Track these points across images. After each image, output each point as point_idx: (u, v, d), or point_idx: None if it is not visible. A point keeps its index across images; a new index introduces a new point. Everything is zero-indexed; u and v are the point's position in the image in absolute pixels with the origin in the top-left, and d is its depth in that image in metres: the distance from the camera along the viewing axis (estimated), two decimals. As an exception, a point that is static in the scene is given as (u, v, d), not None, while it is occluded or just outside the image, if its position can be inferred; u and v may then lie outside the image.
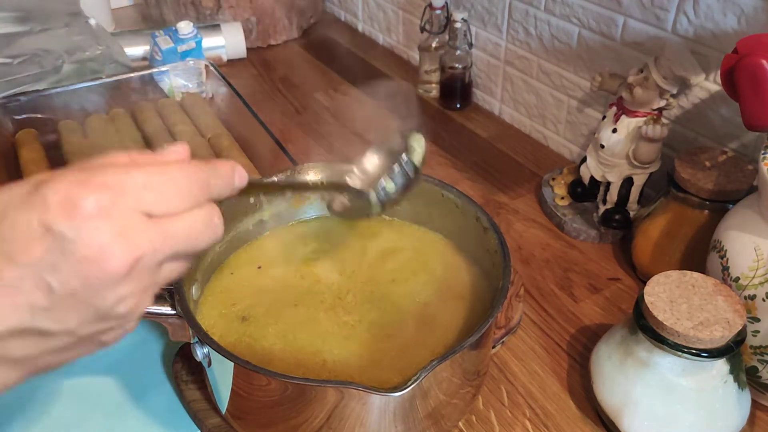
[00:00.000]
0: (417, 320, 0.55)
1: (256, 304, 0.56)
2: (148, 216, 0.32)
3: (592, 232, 0.75)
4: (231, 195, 0.37)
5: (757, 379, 0.56)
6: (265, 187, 0.43)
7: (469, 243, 0.60)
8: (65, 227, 0.30)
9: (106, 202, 0.30)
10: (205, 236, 0.34)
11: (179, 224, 0.33)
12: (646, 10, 0.72)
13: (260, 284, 0.58)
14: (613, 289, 0.69)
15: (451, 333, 0.53)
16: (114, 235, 0.30)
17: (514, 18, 0.89)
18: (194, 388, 0.56)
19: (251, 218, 0.61)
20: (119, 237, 0.30)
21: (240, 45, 1.11)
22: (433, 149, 0.91)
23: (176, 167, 0.33)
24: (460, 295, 0.57)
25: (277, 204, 0.62)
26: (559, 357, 0.62)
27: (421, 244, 0.62)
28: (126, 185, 0.31)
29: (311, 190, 0.50)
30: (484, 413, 0.57)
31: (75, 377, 0.60)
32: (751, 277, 0.52)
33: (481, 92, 1.00)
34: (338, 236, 0.62)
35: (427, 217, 0.63)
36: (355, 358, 0.51)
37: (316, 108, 1.00)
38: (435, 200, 0.60)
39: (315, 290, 0.57)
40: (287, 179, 0.52)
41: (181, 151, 0.35)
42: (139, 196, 0.31)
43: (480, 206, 0.58)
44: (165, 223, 0.32)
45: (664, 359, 0.51)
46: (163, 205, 0.32)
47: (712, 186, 0.62)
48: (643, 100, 0.68)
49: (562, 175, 0.82)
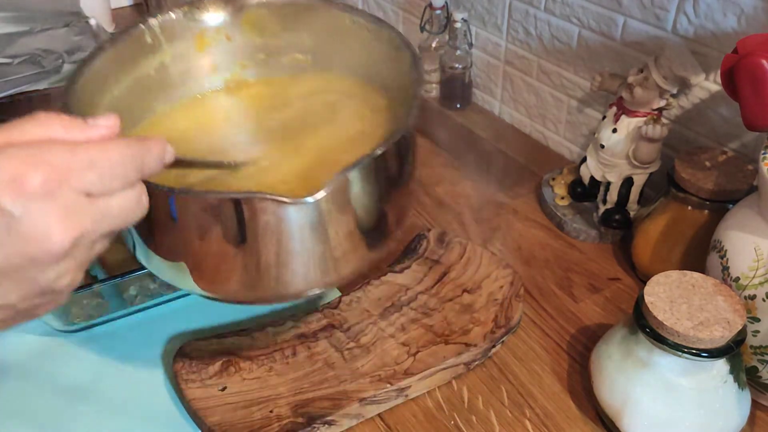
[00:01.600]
0: (331, 164, 0.49)
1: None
2: (88, 196, 0.34)
3: (592, 232, 0.75)
4: (160, 171, 0.38)
5: (757, 379, 0.56)
6: (189, 163, 0.45)
7: (381, 73, 0.56)
8: (12, 205, 0.31)
9: (52, 183, 0.32)
10: (135, 215, 0.37)
11: (114, 203, 0.35)
12: (646, 10, 0.72)
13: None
14: (613, 289, 0.69)
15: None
16: (58, 215, 0.32)
17: (514, 18, 0.89)
18: (194, 388, 0.56)
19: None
20: (63, 217, 0.32)
21: (240, 45, 1.11)
22: (433, 149, 0.91)
23: (115, 148, 0.35)
24: (375, 136, 0.54)
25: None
26: (559, 357, 0.62)
27: (332, 86, 0.59)
28: (71, 166, 0.33)
29: (224, 168, 0.52)
30: (484, 413, 0.57)
31: (75, 377, 0.60)
32: (751, 277, 0.52)
33: (481, 92, 1.00)
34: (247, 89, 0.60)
35: (335, 55, 0.59)
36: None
37: (316, 108, 1.00)
38: (342, 29, 0.57)
39: (227, 137, 0.55)
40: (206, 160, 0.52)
41: (112, 124, 0.36)
42: (82, 176, 0.33)
43: (391, 26, 0.55)
44: (102, 203, 0.34)
45: (664, 359, 0.51)
46: (101, 185, 0.34)
47: (712, 186, 0.62)
48: (643, 100, 0.68)
49: (562, 175, 0.82)
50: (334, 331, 0.61)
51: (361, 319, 0.62)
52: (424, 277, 0.66)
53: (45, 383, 0.59)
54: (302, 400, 0.55)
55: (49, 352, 0.62)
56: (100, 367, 0.61)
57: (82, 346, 0.63)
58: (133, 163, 0.36)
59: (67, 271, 0.34)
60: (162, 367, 0.61)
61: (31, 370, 0.60)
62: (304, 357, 0.59)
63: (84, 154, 0.33)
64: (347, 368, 0.58)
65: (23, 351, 0.62)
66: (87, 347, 0.63)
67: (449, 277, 0.66)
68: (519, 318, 0.63)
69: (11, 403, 0.58)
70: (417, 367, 0.58)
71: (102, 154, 0.34)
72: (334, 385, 0.56)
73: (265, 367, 0.58)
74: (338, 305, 0.64)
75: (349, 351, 0.59)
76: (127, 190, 0.36)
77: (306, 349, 0.60)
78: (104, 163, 0.34)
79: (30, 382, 0.60)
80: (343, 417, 0.55)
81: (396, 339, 0.60)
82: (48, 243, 0.32)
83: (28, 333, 0.64)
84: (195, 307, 0.67)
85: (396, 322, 0.62)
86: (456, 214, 0.79)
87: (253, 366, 0.58)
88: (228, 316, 0.65)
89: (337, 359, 0.59)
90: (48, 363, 0.61)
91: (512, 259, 0.73)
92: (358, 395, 0.55)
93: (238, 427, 0.53)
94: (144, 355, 0.62)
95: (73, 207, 0.33)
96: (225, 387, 0.56)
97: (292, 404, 0.55)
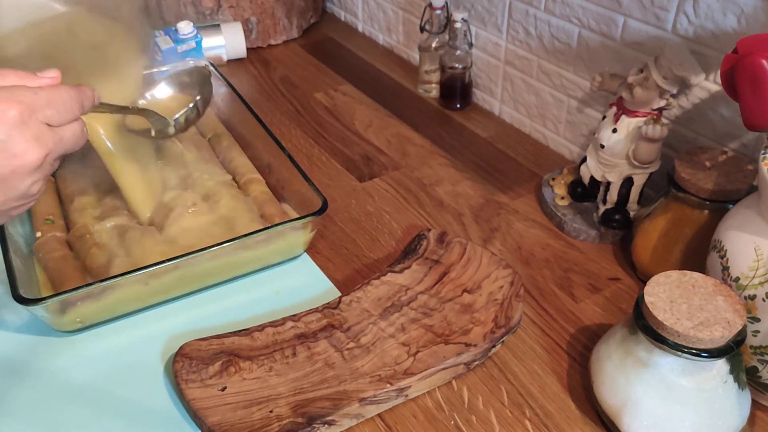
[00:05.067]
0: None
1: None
2: (49, 125, 0.46)
3: (592, 232, 0.75)
4: (89, 111, 0.51)
5: (757, 379, 0.56)
6: (104, 108, 0.55)
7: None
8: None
9: (24, 115, 0.44)
10: (81, 141, 0.50)
11: (68, 132, 0.48)
12: (646, 10, 0.72)
13: None
14: (613, 289, 0.70)
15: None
16: (32, 138, 0.45)
17: (514, 18, 0.89)
18: (194, 388, 0.56)
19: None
20: (35, 140, 0.45)
21: (240, 45, 1.11)
22: (433, 149, 0.91)
23: (64, 91, 0.47)
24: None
25: None
26: (559, 357, 0.62)
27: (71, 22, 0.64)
28: (35, 103, 0.45)
29: (131, 113, 0.66)
30: (484, 413, 0.57)
31: (75, 377, 0.60)
32: (751, 277, 0.52)
33: (481, 92, 1.00)
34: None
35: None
36: None
37: (316, 108, 1.00)
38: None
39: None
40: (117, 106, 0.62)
41: (56, 76, 0.48)
42: (44, 111, 0.46)
43: None
44: (59, 131, 0.47)
45: (664, 359, 0.51)
46: (59, 117, 0.47)
47: (712, 186, 0.62)
48: (643, 100, 0.68)
49: (562, 175, 0.82)
50: (334, 331, 0.61)
51: (361, 319, 0.62)
52: (424, 277, 0.66)
53: (45, 383, 0.59)
54: (302, 400, 0.55)
55: (49, 352, 0.62)
56: (100, 367, 0.61)
57: (82, 346, 0.63)
58: (77, 102, 0.48)
59: (39, 179, 0.47)
60: (162, 367, 0.61)
61: (30, 370, 0.60)
62: (304, 357, 0.59)
63: (43, 94, 0.46)
64: (347, 368, 0.58)
65: (23, 351, 0.62)
66: (87, 347, 0.63)
67: (449, 277, 0.66)
68: (519, 318, 0.63)
69: (11, 403, 0.58)
70: (417, 367, 0.58)
71: (56, 95, 0.47)
72: (334, 385, 0.56)
73: (265, 367, 0.58)
74: (338, 305, 0.64)
75: (349, 351, 0.59)
76: (74, 123, 0.49)
77: (306, 349, 0.60)
78: (58, 101, 0.47)
79: (29, 381, 0.60)
80: (343, 417, 0.55)
81: (396, 339, 0.60)
82: (26, 158, 0.44)
83: (28, 333, 0.64)
84: (195, 307, 0.67)
85: (396, 322, 0.62)
86: (456, 214, 0.79)
87: (253, 366, 0.58)
88: (228, 316, 0.66)
89: (337, 359, 0.59)
90: (48, 363, 0.61)
91: (512, 259, 0.73)
92: (358, 395, 0.55)
93: (238, 427, 0.53)
94: (144, 355, 0.62)
95: (41, 133, 0.45)
96: (225, 387, 0.56)
97: (292, 404, 0.55)
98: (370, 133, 0.94)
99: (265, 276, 0.70)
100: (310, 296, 0.68)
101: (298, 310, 0.64)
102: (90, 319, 0.63)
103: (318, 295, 0.68)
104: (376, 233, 0.77)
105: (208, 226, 0.71)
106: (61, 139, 0.47)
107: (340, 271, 0.72)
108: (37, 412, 0.57)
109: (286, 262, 0.72)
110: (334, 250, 0.75)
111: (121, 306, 0.64)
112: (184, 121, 0.68)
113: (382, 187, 0.84)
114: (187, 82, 0.73)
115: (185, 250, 0.63)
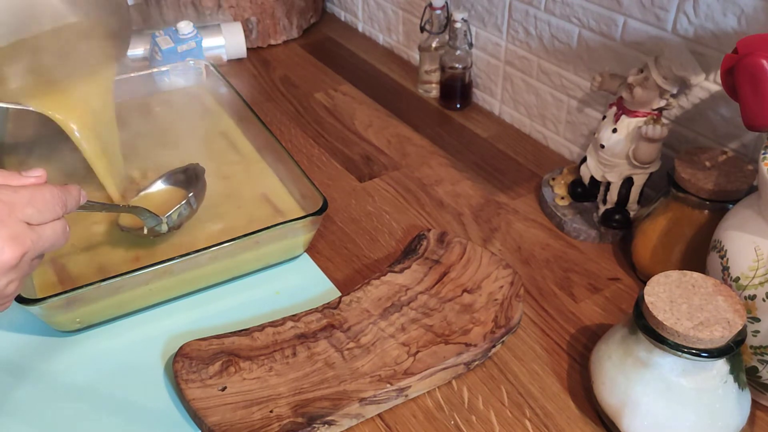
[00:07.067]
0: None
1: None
2: (28, 224, 0.45)
3: (592, 232, 0.75)
4: (74, 210, 0.50)
5: (757, 379, 0.56)
6: (91, 207, 0.55)
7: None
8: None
9: (3, 213, 0.43)
10: (62, 240, 0.48)
11: (48, 231, 0.46)
12: (646, 10, 0.72)
13: None
14: (613, 289, 0.70)
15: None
16: (8, 237, 0.43)
17: (514, 18, 0.89)
18: (194, 388, 0.56)
19: None
20: (12, 239, 0.43)
21: (240, 45, 1.11)
22: (433, 149, 0.91)
23: (47, 190, 0.47)
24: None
25: None
26: (559, 357, 0.62)
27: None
28: (15, 201, 0.44)
29: (122, 210, 0.67)
30: (484, 413, 0.57)
31: (75, 377, 0.60)
32: (751, 277, 0.52)
33: (481, 92, 1.00)
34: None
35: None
36: None
37: (316, 108, 1.00)
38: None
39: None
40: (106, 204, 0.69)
41: (42, 175, 0.48)
42: (24, 209, 0.45)
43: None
44: (39, 230, 0.46)
45: (664, 359, 0.51)
46: (39, 216, 0.46)
47: (712, 186, 0.62)
48: (643, 100, 0.68)
49: (562, 175, 0.82)
50: (334, 331, 0.61)
51: (361, 319, 0.62)
52: (424, 277, 0.66)
53: (45, 383, 0.59)
54: (302, 400, 0.55)
55: (49, 352, 0.62)
56: (100, 367, 0.61)
57: (82, 346, 0.63)
58: (59, 202, 0.47)
59: (14, 279, 0.45)
60: (162, 367, 0.61)
61: (30, 370, 0.60)
62: (304, 357, 0.59)
63: (24, 193, 0.45)
64: (347, 368, 0.58)
65: (23, 351, 0.62)
66: (87, 347, 0.63)
67: (449, 277, 0.66)
68: (519, 318, 0.63)
69: (11, 403, 0.58)
70: (417, 367, 0.58)
71: (38, 193, 0.46)
72: (334, 385, 0.56)
73: (265, 367, 0.58)
74: (338, 305, 0.64)
75: (349, 351, 0.59)
76: (56, 222, 0.47)
77: (306, 349, 0.60)
78: (39, 200, 0.46)
79: (29, 381, 0.60)
80: (343, 417, 0.55)
81: (396, 339, 0.60)
82: (2, 257, 0.42)
83: (28, 333, 0.64)
84: (195, 307, 0.67)
85: (396, 322, 0.62)
86: (456, 214, 0.79)
87: (253, 366, 0.58)
88: (228, 316, 0.65)
89: (337, 359, 0.59)
90: (48, 363, 0.61)
91: (512, 259, 0.73)
92: (358, 395, 0.55)
93: (238, 427, 0.53)
94: (144, 355, 0.62)
95: (18, 232, 0.44)
96: (225, 387, 0.56)
97: (292, 404, 0.55)
98: (370, 133, 0.94)
99: (265, 276, 0.70)
100: (310, 296, 0.68)
101: (298, 310, 0.64)
102: (90, 319, 0.63)
103: (318, 295, 0.68)
104: (376, 233, 0.77)
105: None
106: (39, 238, 0.45)
107: (340, 271, 0.72)
108: (37, 412, 0.57)
109: (286, 262, 0.72)
110: (334, 250, 0.75)
111: (121, 306, 0.64)
112: (177, 218, 0.68)
113: (382, 187, 0.84)
114: (181, 180, 0.74)
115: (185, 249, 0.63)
